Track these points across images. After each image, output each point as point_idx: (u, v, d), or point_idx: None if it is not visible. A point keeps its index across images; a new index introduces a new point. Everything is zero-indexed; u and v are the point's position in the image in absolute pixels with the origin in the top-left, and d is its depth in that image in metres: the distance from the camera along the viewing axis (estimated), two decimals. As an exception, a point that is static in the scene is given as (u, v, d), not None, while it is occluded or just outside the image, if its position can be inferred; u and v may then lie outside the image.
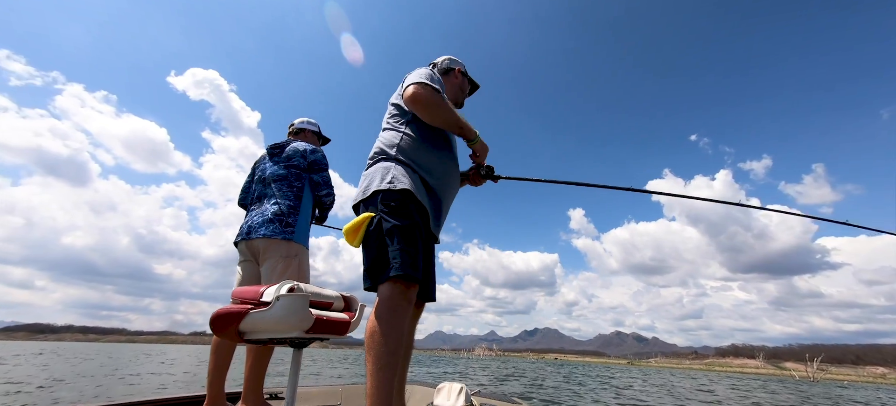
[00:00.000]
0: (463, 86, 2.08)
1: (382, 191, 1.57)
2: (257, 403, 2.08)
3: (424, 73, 1.73)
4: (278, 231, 2.18)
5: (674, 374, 42.62)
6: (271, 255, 2.16)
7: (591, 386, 13.57)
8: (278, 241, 2.17)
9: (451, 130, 1.78)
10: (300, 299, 1.43)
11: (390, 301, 1.46)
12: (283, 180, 2.34)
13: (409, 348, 1.81)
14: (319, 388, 2.69)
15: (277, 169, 2.38)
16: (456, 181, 1.86)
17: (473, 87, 2.17)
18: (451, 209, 1.92)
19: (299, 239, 2.25)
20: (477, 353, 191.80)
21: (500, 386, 11.93)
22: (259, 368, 2.08)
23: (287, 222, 2.23)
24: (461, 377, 12.49)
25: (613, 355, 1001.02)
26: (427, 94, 1.65)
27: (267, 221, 2.21)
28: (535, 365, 47.06)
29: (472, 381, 12.09)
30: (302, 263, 2.22)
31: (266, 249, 2.17)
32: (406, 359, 1.78)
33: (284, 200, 2.28)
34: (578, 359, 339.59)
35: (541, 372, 24.43)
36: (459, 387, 2.23)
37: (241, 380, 2.10)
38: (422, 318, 1.91)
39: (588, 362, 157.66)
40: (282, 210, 2.25)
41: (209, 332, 1.42)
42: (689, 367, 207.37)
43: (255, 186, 2.46)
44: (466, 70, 2.11)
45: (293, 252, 2.19)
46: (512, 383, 12.86)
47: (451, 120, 1.72)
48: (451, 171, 1.81)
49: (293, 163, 2.38)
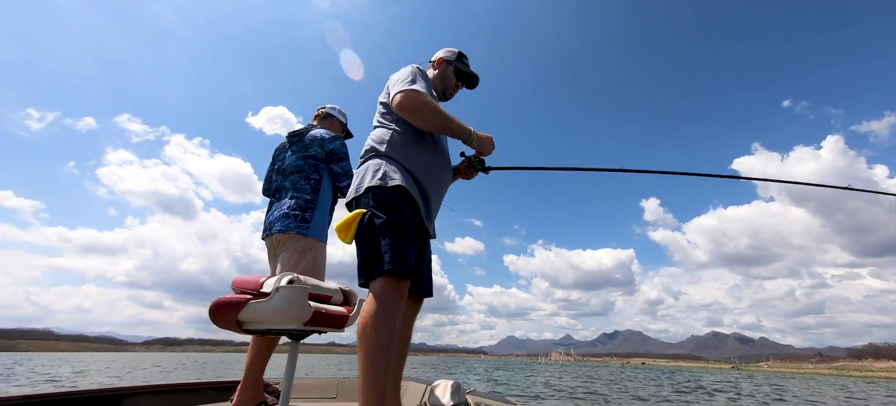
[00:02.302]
0: (446, 76, 1.99)
1: (373, 187, 1.59)
2: (255, 393, 2.11)
3: (407, 76, 1.72)
4: (293, 226, 2.18)
5: (803, 380, 35.74)
6: (286, 249, 2.18)
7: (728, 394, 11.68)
8: (293, 235, 2.18)
9: (443, 133, 1.75)
10: (299, 291, 1.43)
11: (382, 296, 1.47)
12: (300, 172, 2.31)
13: (406, 345, 1.79)
14: (315, 381, 2.74)
15: (295, 159, 2.34)
16: (447, 176, 1.85)
17: (470, 81, 2.06)
18: (510, 212, 1.93)
19: (315, 234, 2.23)
20: (553, 358, 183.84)
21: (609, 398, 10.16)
22: (260, 359, 2.12)
23: (303, 217, 2.22)
24: (555, 392, 10.99)
25: (712, 359, 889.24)
26: (412, 100, 1.63)
27: (283, 216, 2.22)
28: (627, 371, 41.76)
29: (563, 394, 10.77)
30: (316, 258, 2.21)
31: (283, 243, 2.20)
32: (402, 356, 1.77)
33: (301, 195, 2.26)
34: (670, 363, 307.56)
35: (641, 379, 21.79)
36: (454, 384, 2.19)
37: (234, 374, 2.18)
38: (491, 324, 1.93)
39: (683, 367, 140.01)
40: (299, 204, 2.23)
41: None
42: (813, 371, 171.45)
43: (276, 177, 2.43)
44: (459, 59, 2.01)
45: (308, 246, 2.19)
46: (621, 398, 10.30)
47: (441, 124, 1.70)
48: (442, 166, 1.80)
49: (311, 152, 2.33)
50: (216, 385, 2.27)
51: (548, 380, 16.87)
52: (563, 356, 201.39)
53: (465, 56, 2.05)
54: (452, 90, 2.02)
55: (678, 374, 39.01)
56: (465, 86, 2.07)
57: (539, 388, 12.01)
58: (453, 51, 2.02)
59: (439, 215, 1.88)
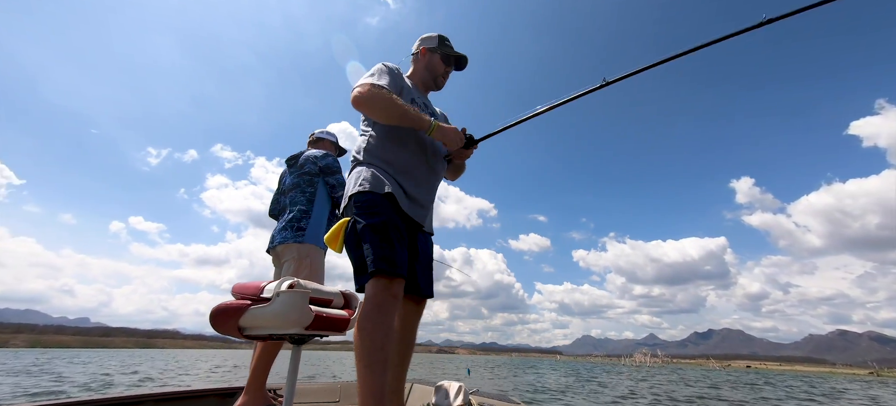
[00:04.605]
0: (432, 65, 1.93)
1: (353, 194, 1.62)
2: (259, 397, 2.17)
3: (368, 72, 1.70)
4: (290, 236, 2.35)
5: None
6: (286, 258, 2.35)
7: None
8: (290, 244, 2.34)
9: (402, 124, 1.66)
10: (300, 296, 1.41)
11: (375, 298, 1.47)
12: (296, 188, 2.52)
13: (409, 347, 1.77)
14: (318, 385, 2.72)
15: (293, 179, 2.56)
16: (432, 169, 1.79)
17: (458, 62, 1.98)
18: (575, 205, 1.83)
19: (310, 240, 2.36)
20: (637, 359, 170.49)
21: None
22: (264, 363, 2.18)
23: (299, 226, 2.38)
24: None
25: (840, 363, 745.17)
26: (365, 94, 1.61)
27: (282, 229, 2.42)
28: (732, 375, 35.17)
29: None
30: (313, 263, 2.33)
31: (283, 254, 2.37)
32: (405, 358, 1.76)
33: (297, 206, 2.45)
34: (784, 367, 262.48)
35: (761, 384, 18.36)
36: (458, 385, 2.18)
37: (236, 377, 2.21)
38: (564, 323, 1.89)
39: (804, 372, 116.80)
40: (295, 216, 2.42)
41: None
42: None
43: (281, 199, 2.66)
44: (442, 44, 1.93)
45: (304, 253, 2.33)
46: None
47: (396, 114, 1.63)
48: (424, 159, 1.76)
49: (305, 170, 2.53)
50: (220, 391, 2.35)
51: (653, 385, 14.78)
52: (651, 358, 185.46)
53: (446, 39, 1.96)
54: (442, 78, 1.96)
55: (800, 379, 32.22)
56: (456, 68, 2.00)
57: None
58: (433, 36, 1.95)
59: (510, 216, 1.88)
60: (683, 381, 19.20)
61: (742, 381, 22.56)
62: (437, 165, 1.81)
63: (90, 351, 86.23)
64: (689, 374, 33.89)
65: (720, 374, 41.82)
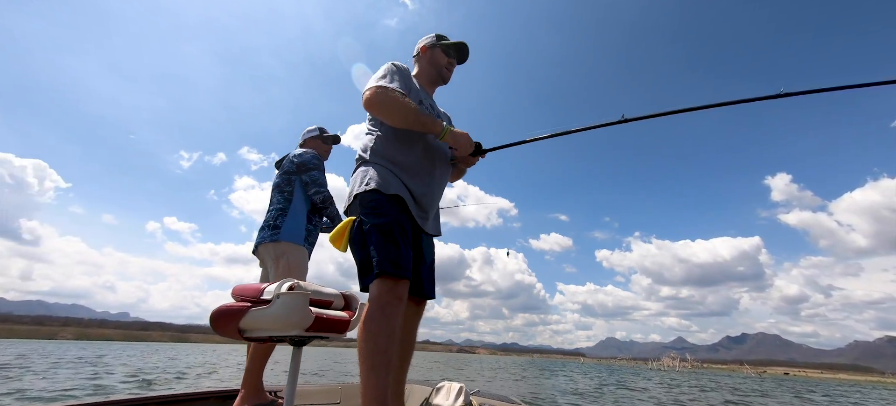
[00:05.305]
0: (434, 59, 1.91)
1: (359, 193, 1.60)
2: (256, 395, 2.18)
3: (379, 73, 1.69)
4: (267, 235, 2.39)
5: None
6: (267, 258, 2.40)
7: None
8: (267, 244, 2.38)
9: (414, 128, 1.65)
10: (300, 297, 1.39)
11: (379, 299, 1.46)
12: (276, 188, 2.55)
13: (409, 348, 1.77)
14: (318, 387, 2.70)
15: (276, 180, 2.59)
16: (439, 171, 1.78)
17: (460, 52, 1.96)
18: (598, 203, 1.80)
19: (286, 238, 2.39)
20: (666, 363, 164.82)
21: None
22: (258, 362, 2.20)
23: (274, 225, 2.41)
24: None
25: (889, 371, 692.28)
26: (378, 96, 1.60)
27: (261, 229, 2.46)
28: (768, 382, 31.95)
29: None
30: (290, 261, 2.34)
31: (263, 254, 2.42)
32: (405, 359, 1.75)
33: (275, 206, 2.48)
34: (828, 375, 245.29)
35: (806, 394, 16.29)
36: (459, 386, 2.18)
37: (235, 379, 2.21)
38: (588, 324, 1.87)
39: (848, 380, 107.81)
40: (272, 215, 2.45)
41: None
42: None
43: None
44: (439, 40, 1.92)
45: (281, 251, 2.35)
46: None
47: (411, 119, 1.62)
48: (430, 161, 1.74)
49: (285, 169, 2.57)
50: (219, 394, 2.37)
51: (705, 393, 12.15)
52: (680, 362, 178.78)
53: (443, 36, 1.96)
54: (447, 70, 1.95)
55: (849, 387, 29.12)
56: (458, 60, 1.99)
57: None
58: (430, 36, 1.96)
59: (533, 216, 1.88)
60: (732, 390, 16.17)
61: (803, 391, 19.57)
62: (443, 168, 1.81)
63: (132, 344, 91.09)
64: (725, 380, 31.65)
65: (762, 379, 38.12)
